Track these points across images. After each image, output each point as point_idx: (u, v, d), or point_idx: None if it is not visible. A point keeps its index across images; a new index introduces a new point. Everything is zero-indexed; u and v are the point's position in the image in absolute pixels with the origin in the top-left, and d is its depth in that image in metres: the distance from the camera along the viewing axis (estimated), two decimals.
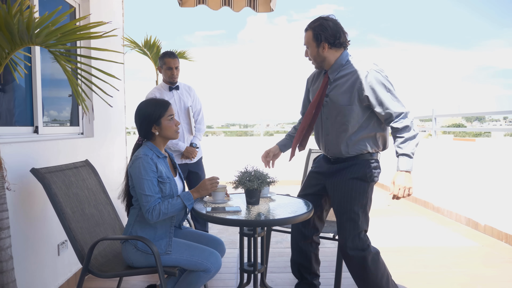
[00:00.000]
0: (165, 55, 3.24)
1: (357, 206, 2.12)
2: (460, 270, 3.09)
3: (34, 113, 2.45)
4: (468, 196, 4.40)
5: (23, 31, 1.22)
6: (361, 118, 2.09)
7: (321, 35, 2.06)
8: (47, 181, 1.99)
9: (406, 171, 2.00)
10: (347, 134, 2.11)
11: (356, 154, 2.14)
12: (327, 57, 2.12)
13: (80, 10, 3.08)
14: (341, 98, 2.09)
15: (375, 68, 2.06)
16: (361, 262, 2.11)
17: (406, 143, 2.01)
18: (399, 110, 2.02)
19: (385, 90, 2.02)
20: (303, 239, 2.38)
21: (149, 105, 2.05)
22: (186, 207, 1.94)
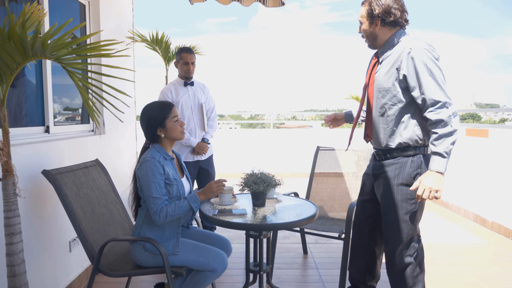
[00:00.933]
0: (182, 50, 3.30)
1: (406, 215, 1.96)
2: (467, 268, 3.10)
3: (45, 113, 2.50)
4: (477, 192, 4.38)
5: (38, 48, 1.25)
6: (401, 103, 1.90)
7: (375, 11, 1.89)
8: (58, 183, 2.04)
9: (437, 171, 1.79)
10: (385, 120, 1.96)
11: (397, 147, 1.96)
12: (379, 36, 1.95)
13: (90, 7, 3.10)
14: (383, 78, 1.94)
15: (424, 46, 1.83)
16: (405, 270, 2.01)
17: (440, 140, 1.79)
18: (437, 97, 1.78)
19: (427, 71, 1.80)
20: (363, 250, 2.26)
21: (153, 108, 2.08)
22: (193, 209, 1.98)
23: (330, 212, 3.21)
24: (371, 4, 1.92)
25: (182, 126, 2.11)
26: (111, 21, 3.36)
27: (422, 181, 1.82)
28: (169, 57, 4.09)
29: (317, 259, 3.25)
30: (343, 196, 3.18)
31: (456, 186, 4.83)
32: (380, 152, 2.07)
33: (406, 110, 1.92)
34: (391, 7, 1.90)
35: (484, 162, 4.32)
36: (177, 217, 2.01)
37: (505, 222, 3.87)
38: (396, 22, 1.92)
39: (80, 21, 3.03)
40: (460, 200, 4.71)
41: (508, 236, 3.80)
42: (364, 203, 2.25)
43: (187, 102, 3.28)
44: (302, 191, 3.37)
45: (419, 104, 1.86)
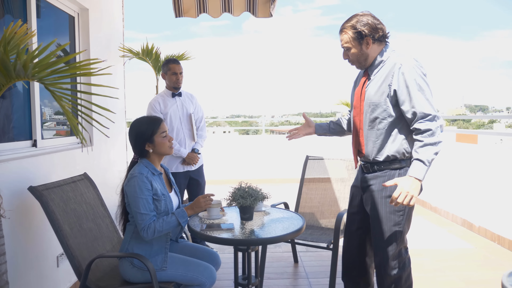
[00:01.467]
0: (169, 61, 3.31)
1: (394, 226, 1.99)
2: (454, 273, 3.14)
3: (32, 127, 2.49)
4: (465, 197, 4.44)
5: (20, 70, 1.26)
6: (390, 117, 1.96)
7: (364, 31, 1.94)
8: (44, 199, 2.04)
9: (416, 177, 1.82)
10: (375, 134, 2.01)
11: (384, 160, 2.00)
12: (370, 54, 1.99)
13: (80, 19, 3.10)
14: (374, 94, 1.99)
15: (412, 63, 1.89)
16: (395, 282, 2.02)
17: (424, 148, 1.83)
18: (426, 111, 1.84)
19: (416, 87, 1.85)
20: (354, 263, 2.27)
21: (142, 123, 2.09)
22: (181, 225, 1.98)
23: (321, 219, 3.24)
24: (355, 27, 1.96)
25: (171, 141, 2.12)
26: (101, 33, 3.36)
27: (399, 184, 1.84)
28: (159, 67, 4.10)
29: (307, 268, 3.27)
30: (332, 203, 3.21)
31: (445, 191, 4.89)
32: (368, 165, 2.10)
33: (395, 125, 1.97)
34: (376, 24, 1.96)
35: (472, 168, 4.39)
36: (165, 233, 2.01)
37: (491, 227, 3.93)
38: (384, 36, 1.98)
39: (69, 33, 3.02)
40: (449, 205, 4.77)
41: (494, 240, 3.86)
42: (353, 216, 2.28)
43: (175, 113, 3.29)
44: (293, 197, 3.40)
45: (408, 118, 1.91)
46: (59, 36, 2.94)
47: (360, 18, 1.96)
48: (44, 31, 2.64)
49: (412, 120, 1.89)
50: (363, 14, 1.98)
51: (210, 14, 3.75)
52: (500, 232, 3.79)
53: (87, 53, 3.13)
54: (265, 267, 3.17)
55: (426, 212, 5.14)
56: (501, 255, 3.56)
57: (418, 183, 1.83)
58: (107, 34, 3.55)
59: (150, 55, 3.92)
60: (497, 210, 3.87)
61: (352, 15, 2.03)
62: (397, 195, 1.82)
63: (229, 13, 3.73)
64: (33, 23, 2.42)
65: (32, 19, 2.41)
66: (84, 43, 3.12)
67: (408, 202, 1.82)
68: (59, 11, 2.87)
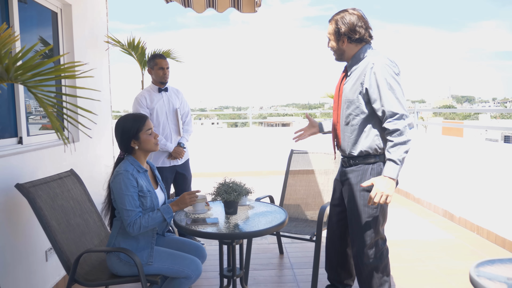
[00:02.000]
0: (156, 56, 3.32)
1: (369, 218, 2.09)
2: (433, 263, 3.26)
3: (17, 124, 2.50)
4: (446, 189, 4.57)
5: (2, 73, 1.29)
6: (363, 114, 2.04)
7: (341, 29, 2.02)
8: (32, 196, 2.06)
9: (389, 177, 1.92)
10: (349, 129, 2.09)
11: (358, 155, 2.09)
12: (346, 51, 2.08)
13: (63, 15, 3.09)
14: (349, 91, 2.07)
15: (385, 62, 1.96)
16: (372, 271, 2.13)
17: (394, 148, 1.92)
18: (395, 110, 1.91)
19: (386, 86, 1.93)
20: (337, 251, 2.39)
21: (127, 120, 2.13)
22: (166, 220, 2.04)
23: (306, 211, 3.32)
24: (337, 23, 2.04)
25: (156, 138, 2.16)
26: (84, 27, 3.36)
27: (375, 185, 1.94)
28: (144, 61, 4.10)
29: (292, 259, 3.36)
30: (316, 195, 3.29)
31: (428, 182, 5.02)
32: (346, 159, 2.20)
33: (367, 121, 2.06)
34: (355, 25, 2.02)
35: (455, 160, 4.51)
36: (151, 228, 2.06)
37: (471, 217, 4.07)
38: (361, 39, 2.05)
39: (53, 29, 3.02)
40: (431, 196, 4.90)
41: (474, 230, 4.00)
42: (334, 207, 2.37)
43: (162, 108, 3.31)
44: (279, 190, 3.47)
45: (379, 115, 2.00)
46: (42, 33, 2.93)
47: (345, 16, 2.04)
48: (26, 28, 2.64)
49: (383, 118, 1.97)
50: (351, 13, 2.05)
51: (194, 9, 3.76)
52: (479, 223, 3.93)
53: (71, 48, 3.13)
54: (251, 258, 3.25)
55: (409, 203, 5.28)
56: (480, 245, 3.69)
57: (393, 182, 1.93)
58: (91, 29, 3.54)
59: (136, 49, 3.92)
60: (477, 201, 4.01)
61: (344, 8, 2.11)
62: (373, 195, 1.93)
63: (213, 9, 3.75)
64: (15, 22, 2.41)
65: (14, 18, 2.41)
66: (68, 39, 3.12)
67: (385, 201, 1.93)
68: (41, 7, 2.86)
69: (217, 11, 3.75)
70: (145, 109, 3.26)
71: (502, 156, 3.71)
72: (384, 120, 1.97)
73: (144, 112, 3.24)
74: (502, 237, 3.60)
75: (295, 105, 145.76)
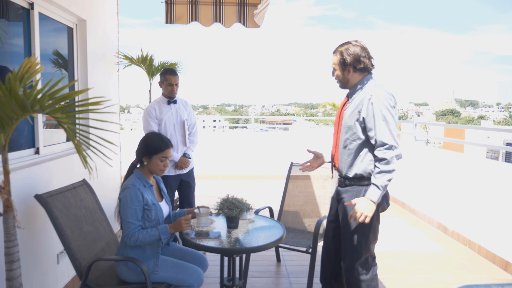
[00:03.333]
0: (167, 72, 3.45)
1: (360, 237, 2.23)
2: (423, 276, 3.42)
3: (35, 135, 2.67)
4: (441, 202, 4.73)
5: (27, 105, 1.45)
6: (359, 140, 2.19)
7: (347, 60, 2.19)
8: (49, 206, 2.24)
9: (371, 200, 2.09)
10: (347, 153, 2.24)
11: (353, 177, 2.24)
12: (351, 80, 2.25)
13: (78, 30, 3.25)
14: (348, 117, 2.23)
15: (383, 95, 2.12)
16: (360, 285, 2.28)
17: (380, 175, 2.08)
18: (385, 140, 2.07)
19: (381, 117, 2.09)
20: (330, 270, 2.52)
21: (153, 138, 2.32)
22: (161, 240, 2.20)
23: (304, 218, 3.48)
24: (342, 54, 2.21)
25: (165, 166, 2.31)
26: (97, 41, 3.52)
27: (356, 205, 2.12)
28: (152, 72, 4.27)
29: (289, 267, 3.52)
30: (313, 204, 3.45)
31: (423, 194, 5.17)
32: (342, 180, 2.36)
33: (363, 146, 2.22)
34: (360, 56, 2.20)
35: (450, 175, 4.66)
36: (146, 243, 2.22)
37: (463, 231, 4.22)
38: (365, 68, 2.23)
39: (68, 44, 3.19)
40: (426, 207, 5.06)
41: (466, 244, 4.15)
42: (330, 223, 2.53)
43: (170, 119, 3.48)
44: (278, 195, 3.61)
45: (372, 143, 2.16)
46: (58, 47, 3.10)
47: (349, 47, 2.21)
48: (44, 44, 2.80)
49: (375, 145, 2.15)
50: (355, 44, 2.22)
51: (201, 22, 3.92)
52: (471, 237, 4.08)
53: (84, 62, 3.29)
54: (250, 265, 3.41)
55: (405, 213, 5.43)
56: (470, 259, 3.84)
57: (373, 204, 2.11)
58: (104, 42, 3.71)
59: (145, 62, 4.09)
60: (470, 216, 4.16)
61: (347, 41, 2.27)
62: (353, 214, 2.12)
63: (220, 23, 3.90)
64: (36, 50, 2.59)
65: (35, 44, 2.58)
66: (82, 53, 3.28)
67: (363, 220, 2.11)
68: (58, 23, 3.03)
69: (224, 26, 3.91)
70: (154, 119, 3.42)
71: (499, 174, 3.85)
72: (375, 148, 2.14)
73: (153, 122, 3.41)
74: (492, 252, 3.75)
75: (297, 104, 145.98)
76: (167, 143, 2.31)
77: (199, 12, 3.80)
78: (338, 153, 2.35)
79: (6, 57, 2.47)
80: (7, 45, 2.47)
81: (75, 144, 1.55)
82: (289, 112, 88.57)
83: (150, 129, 3.41)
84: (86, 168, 1.60)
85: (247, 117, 8.92)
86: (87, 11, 3.29)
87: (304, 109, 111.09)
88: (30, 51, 2.61)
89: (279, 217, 3.49)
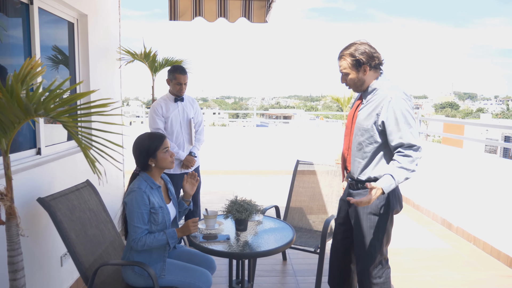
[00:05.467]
0: (176, 70, 3.34)
1: (374, 240, 2.19)
2: (429, 273, 3.39)
3: (36, 136, 2.60)
4: (445, 197, 4.69)
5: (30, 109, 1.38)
6: (376, 143, 2.13)
7: (362, 59, 2.10)
8: (52, 209, 2.17)
9: (382, 188, 1.97)
10: (361, 156, 2.17)
11: (366, 180, 2.18)
12: (367, 80, 2.16)
13: (79, 25, 3.16)
14: (364, 119, 2.15)
15: (402, 96, 2.06)
16: None
17: (399, 170, 2.00)
18: (413, 142, 2.02)
19: (403, 120, 2.03)
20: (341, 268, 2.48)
21: (145, 139, 2.23)
22: (169, 245, 2.15)
23: (309, 215, 3.44)
24: (353, 56, 2.12)
25: (172, 156, 2.26)
26: (99, 36, 3.43)
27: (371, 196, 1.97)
28: (155, 67, 4.19)
29: (295, 266, 3.48)
30: (319, 200, 3.41)
31: (427, 190, 5.13)
32: (353, 183, 2.29)
33: (379, 150, 2.15)
34: (371, 52, 2.12)
35: (455, 170, 4.61)
36: (153, 248, 2.17)
37: (468, 228, 4.19)
38: (379, 63, 2.15)
39: (69, 39, 3.10)
40: (430, 204, 5.02)
41: (470, 241, 4.12)
42: (340, 226, 2.48)
43: (176, 117, 3.41)
44: (281, 191, 3.57)
45: (392, 146, 2.08)
46: (58, 43, 3.01)
47: (358, 47, 2.12)
48: (44, 39, 2.71)
49: (396, 147, 2.06)
50: (361, 43, 2.14)
51: (205, 18, 3.84)
52: (476, 234, 4.05)
53: (86, 58, 3.21)
54: (257, 264, 3.37)
55: (409, 209, 5.40)
56: (475, 256, 3.81)
57: (381, 193, 1.98)
58: (106, 37, 3.62)
59: (148, 58, 4.01)
60: (475, 212, 4.12)
61: (350, 43, 2.18)
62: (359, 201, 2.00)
63: (225, 18, 3.82)
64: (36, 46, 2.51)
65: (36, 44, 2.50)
66: (84, 48, 3.20)
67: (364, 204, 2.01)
68: (58, 18, 2.94)
69: (229, 21, 3.82)
70: (161, 117, 3.35)
71: (502, 170, 3.81)
72: (400, 148, 2.04)
73: (159, 120, 3.34)
74: (497, 249, 3.72)
75: (297, 97, 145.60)
76: (161, 135, 2.26)
77: (203, 7, 3.71)
78: (350, 156, 2.28)
79: (5, 55, 2.39)
80: (6, 42, 2.39)
81: (82, 148, 1.48)
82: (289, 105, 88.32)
83: (156, 126, 3.34)
84: (95, 173, 1.54)
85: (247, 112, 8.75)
86: (88, 5, 3.20)
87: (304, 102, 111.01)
88: (30, 47, 2.53)
89: (285, 216, 3.44)
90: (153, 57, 4.01)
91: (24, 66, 1.57)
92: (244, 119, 21.85)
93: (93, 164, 1.53)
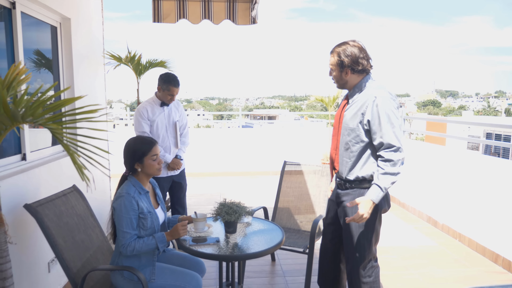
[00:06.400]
0: (171, 82, 3.29)
1: (363, 239, 2.21)
2: (417, 271, 3.45)
3: (21, 141, 2.56)
4: (431, 195, 4.78)
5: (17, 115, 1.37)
6: (362, 142, 2.15)
7: (345, 62, 2.13)
8: (39, 216, 2.15)
9: (371, 199, 2.05)
10: (348, 155, 2.20)
11: (354, 180, 2.21)
12: (349, 81, 2.19)
13: (62, 29, 3.13)
14: (349, 119, 2.18)
15: (386, 96, 2.08)
16: (365, 287, 2.27)
17: (384, 176, 2.04)
18: (393, 143, 2.04)
19: (387, 120, 2.05)
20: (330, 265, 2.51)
21: (136, 143, 2.22)
22: (159, 249, 2.15)
23: (296, 215, 3.46)
24: (339, 55, 2.14)
25: (160, 164, 2.25)
26: (83, 40, 3.40)
27: (360, 208, 2.07)
28: (139, 70, 4.16)
29: (284, 266, 3.50)
30: (306, 199, 3.44)
31: (413, 188, 5.22)
32: (342, 182, 2.32)
33: (366, 149, 2.18)
34: (358, 57, 2.13)
35: (439, 168, 4.71)
36: (143, 252, 2.16)
37: (453, 225, 4.28)
38: (364, 70, 2.17)
39: (52, 43, 3.06)
40: (416, 201, 5.11)
41: (456, 237, 4.21)
42: (329, 226, 2.51)
43: (162, 121, 3.40)
44: (269, 192, 3.59)
45: (376, 145, 2.12)
46: (41, 47, 2.97)
47: (347, 48, 2.15)
48: (26, 43, 2.67)
49: (379, 148, 2.11)
50: (352, 45, 2.16)
51: (190, 20, 3.83)
52: (461, 231, 4.14)
53: (70, 61, 3.17)
54: (245, 265, 3.37)
55: (395, 207, 5.48)
56: (461, 253, 3.90)
57: (372, 205, 2.07)
58: (89, 40, 3.58)
59: (133, 61, 3.99)
60: (459, 209, 4.21)
61: (344, 40, 2.21)
62: (356, 217, 2.07)
63: (209, 20, 3.82)
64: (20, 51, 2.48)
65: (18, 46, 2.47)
66: (67, 52, 3.16)
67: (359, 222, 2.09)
68: (41, 22, 2.90)
69: (213, 23, 3.83)
70: (146, 120, 3.33)
71: (484, 167, 3.91)
72: (381, 149, 2.09)
73: (145, 123, 3.32)
74: (482, 245, 3.81)
75: (281, 97, 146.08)
76: (151, 141, 2.25)
77: (187, 9, 3.70)
78: (338, 156, 2.32)
79: None
80: None
81: (70, 154, 1.47)
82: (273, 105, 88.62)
83: (142, 130, 3.32)
84: (84, 180, 1.53)
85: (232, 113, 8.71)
86: (71, 9, 3.17)
87: (289, 102, 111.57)
88: (13, 52, 2.49)
89: (274, 217, 3.46)
90: (138, 60, 3.99)
91: (9, 73, 1.55)
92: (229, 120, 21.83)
93: (81, 171, 1.52)
